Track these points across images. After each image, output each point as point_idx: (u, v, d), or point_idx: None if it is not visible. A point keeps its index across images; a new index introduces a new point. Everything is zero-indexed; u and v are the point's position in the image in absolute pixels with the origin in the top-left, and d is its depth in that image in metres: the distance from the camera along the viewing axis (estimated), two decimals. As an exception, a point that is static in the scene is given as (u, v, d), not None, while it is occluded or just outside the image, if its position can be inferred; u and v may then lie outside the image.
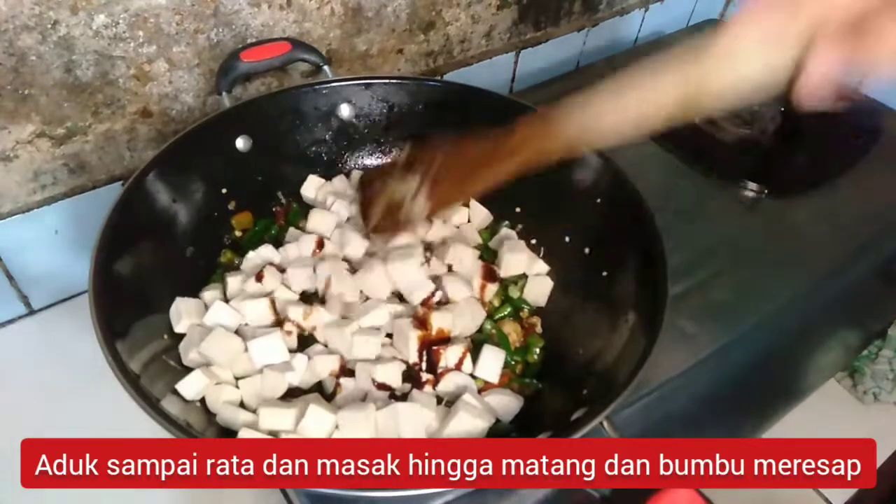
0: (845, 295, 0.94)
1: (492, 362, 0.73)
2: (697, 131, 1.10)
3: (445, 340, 0.73)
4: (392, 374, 0.70)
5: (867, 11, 0.37)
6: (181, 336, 0.71)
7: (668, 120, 0.48)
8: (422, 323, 0.73)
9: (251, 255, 0.80)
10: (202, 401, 0.67)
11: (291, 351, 0.72)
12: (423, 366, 0.73)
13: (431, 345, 0.73)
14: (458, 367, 0.72)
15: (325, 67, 0.87)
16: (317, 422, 0.64)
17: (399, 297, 0.79)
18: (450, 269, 0.81)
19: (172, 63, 0.83)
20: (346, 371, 0.72)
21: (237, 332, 0.72)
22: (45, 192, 0.82)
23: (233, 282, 0.77)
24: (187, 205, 0.79)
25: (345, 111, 0.90)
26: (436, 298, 0.78)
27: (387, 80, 0.89)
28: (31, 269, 0.86)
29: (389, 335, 0.75)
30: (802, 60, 0.39)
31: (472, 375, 0.73)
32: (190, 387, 0.65)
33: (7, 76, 0.72)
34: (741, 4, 0.42)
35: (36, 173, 0.80)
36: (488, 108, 0.87)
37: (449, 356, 0.72)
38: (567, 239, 0.85)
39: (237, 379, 0.69)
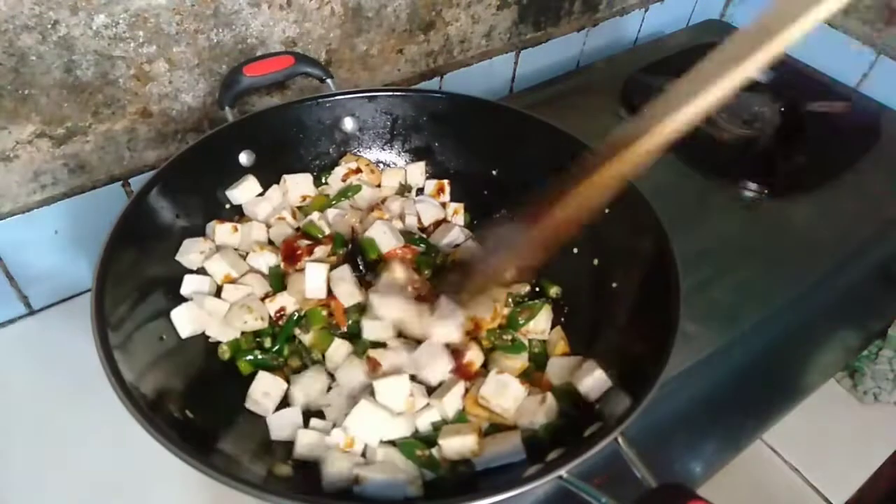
0: (845, 295, 0.94)
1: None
2: (697, 131, 1.10)
3: None
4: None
5: None
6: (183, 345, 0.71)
7: (751, 70, 0.48)
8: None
9: None
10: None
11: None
12: None
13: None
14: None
15: (329, 81, 0.86)
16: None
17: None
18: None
19: (172, 63, 0.83)
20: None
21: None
22: (45, 192, 0.82)
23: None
24: (190, 220, 0.79)
25: (348, 124, 0.90)
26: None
27: (391, 93, 0.89)
28: (31, 269, 0.86)
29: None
30: None
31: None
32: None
33: (7, 76, 0.72)
34: None
35: (36, 173, 0.80)
36: (492, 119, 0.87)
37: None
38: (575, 250, 0.83)
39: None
